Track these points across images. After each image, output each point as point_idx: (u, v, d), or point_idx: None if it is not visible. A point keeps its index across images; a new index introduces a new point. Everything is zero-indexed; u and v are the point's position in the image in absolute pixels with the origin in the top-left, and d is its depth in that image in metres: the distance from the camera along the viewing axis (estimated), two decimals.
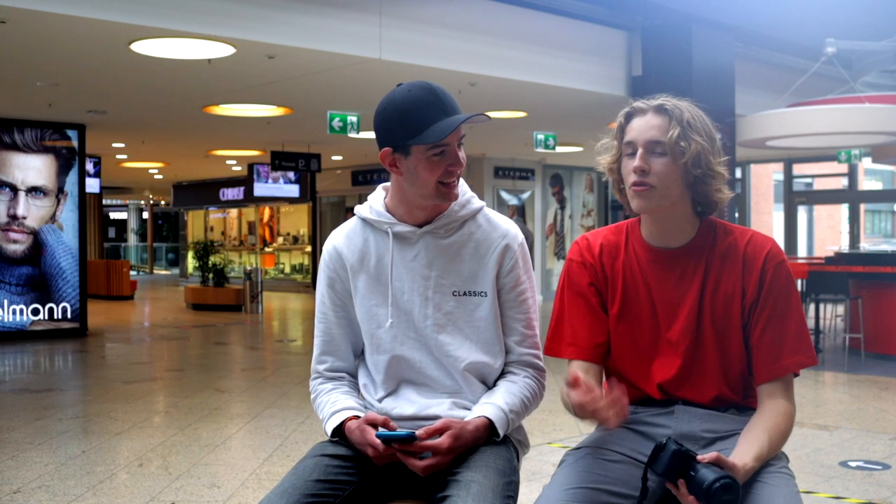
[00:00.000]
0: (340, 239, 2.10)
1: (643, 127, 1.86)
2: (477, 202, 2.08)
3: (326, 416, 2.04)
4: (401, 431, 1.84)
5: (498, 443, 1.99)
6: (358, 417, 1.97)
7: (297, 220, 21.37)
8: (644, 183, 1.85)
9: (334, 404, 2.04)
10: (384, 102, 1.93)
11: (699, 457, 1.67)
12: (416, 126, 1.88)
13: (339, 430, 2.00)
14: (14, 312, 10.83)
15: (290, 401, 6.69)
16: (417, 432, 1.84)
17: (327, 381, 2.12)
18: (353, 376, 2.16)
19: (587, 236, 2.05)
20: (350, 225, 2.12)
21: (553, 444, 5.24)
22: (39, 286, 11.05)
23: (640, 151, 1.85)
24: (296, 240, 21.30)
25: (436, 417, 1.99)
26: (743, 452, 1.77)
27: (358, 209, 2.11)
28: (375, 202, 2.08)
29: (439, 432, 1.86)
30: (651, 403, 1.96)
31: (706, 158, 1.85)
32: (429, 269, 2.02)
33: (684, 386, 1.92)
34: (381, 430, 1.88)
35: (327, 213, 20.45)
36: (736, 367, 1.92)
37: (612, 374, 2.03)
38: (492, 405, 1.98)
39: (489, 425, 1.94)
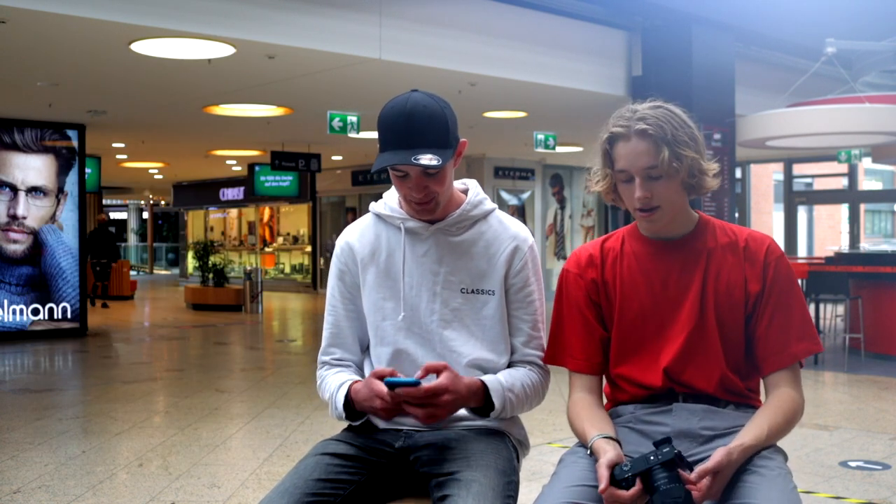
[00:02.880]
0: (354, 234, 2.14)
1: (632, 155, 1.87)
2: (489, 204, 2.11)
3: (333, 391, 2.04)
4: (404, 378, 1.84)
5: (498, 442, 2.00)
6: None
7: (297, 220, 21.37)
8: (651, 207, 1.90)
9: (339, 379, 2.06)
10: (389, 101, 1.97)
11: (692, 476, 1.70)
12: (379, 144, 1.95)
13: (350, 407, 2.00)
14: (14, 312, 10.83)
15: (290, 401, 6.69)
16: (418, 374, 1.86)
17: (332, 367, 2.13)
18: (360, 368, 2.17)
19: (586, 246, 2.09)
20: (365, 221, 2.16)
21: (553, 444, 5.24)
22: (39, 286, 11.05)
23: (637, 181, 1.88)
24: (296, 240, 21.30)
25: None
26: (741, 434, 1.82)
27: (373, 205, 2.15)
28: (390, 199, 2.11)
29: (435, 370, 1.87)
30: (653, 400, 1.97)
31: (698, 165, 1.89)
32: (438, 266, 2.05)
33: (688, 370, 1.93)
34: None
35: (327, 213, 20.44)
36: (737, 353, 1.95)
37: (615, 376, 2.04)
38: (489, 376, 2.00)
39: (482, 389, 1.94)
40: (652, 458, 1.70)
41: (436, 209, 2.00)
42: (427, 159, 1.87)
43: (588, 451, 1.87)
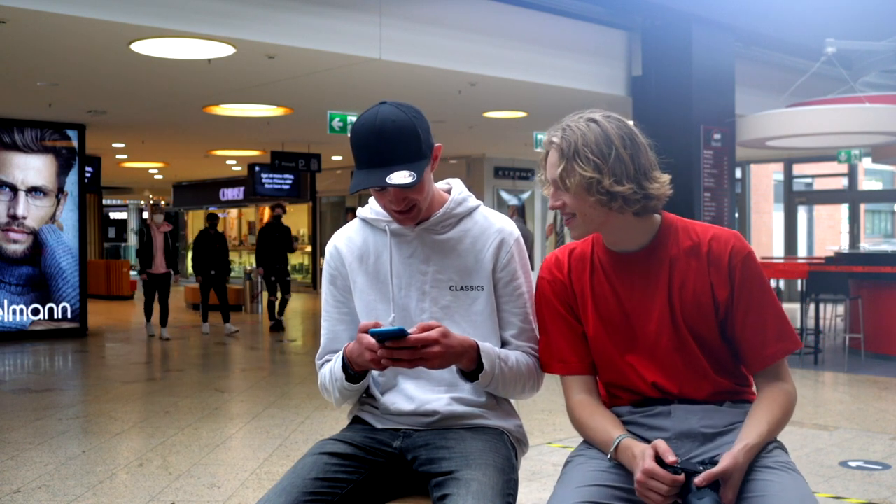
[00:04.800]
0: (342, 239, 2.15)
1: (548, 165, 1.92)
2: (473, 201, 2.12)
3: (332, 365, 2.06)
4: (392, 328, 1.82)
5: (496, 440, 2.01)
6: None
7: (297, 220, 21.36)
8: (567, 214, 1.92)
9: (336, 357, 2.07)
10: (359, 117, 1.97)
11: (696, 480, 1.72)
12: (355, 163, 1.96)
13: (349, 371, 2.00)
14: (14, 312, 10.83)
15: (290, 401, 6.69)
16: (410, 330, 1.84)
17: (330, 361, 2.13)
18: None
19: (556, 252, 2.08)
20: (352, 226, 2.17)
21: (553, 444, 5.24)
22: (39, 286, 11.05)
23: (551, 190, 1.92)
24: (296, 240, 21.29)
25: (434, 412, 2.02)
26: (744, 434, 1.82)
27: (359, 210, 2.16)
28: (376, 203, 2.12)
29: (428, 328, 1.85)
30: (649, 403, 1.96)
31: (597, 186, 1.83)
32: (426, 265, 2.06)
33: (676, 383, 1.93)
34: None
35: (327, 213, 20.44)
36: (722, 358, 1.94)
37: (605, 383, 2.04)
38: (484, 343, 1.99)
39: (475, 349, 1.94)
40: (701, 467, 1.75)
41: (417, 216, 2.02)
42: (400, 177, 1.88)
43: (613, 450, 1.85)
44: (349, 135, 1.99)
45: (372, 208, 2.13)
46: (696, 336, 1.91)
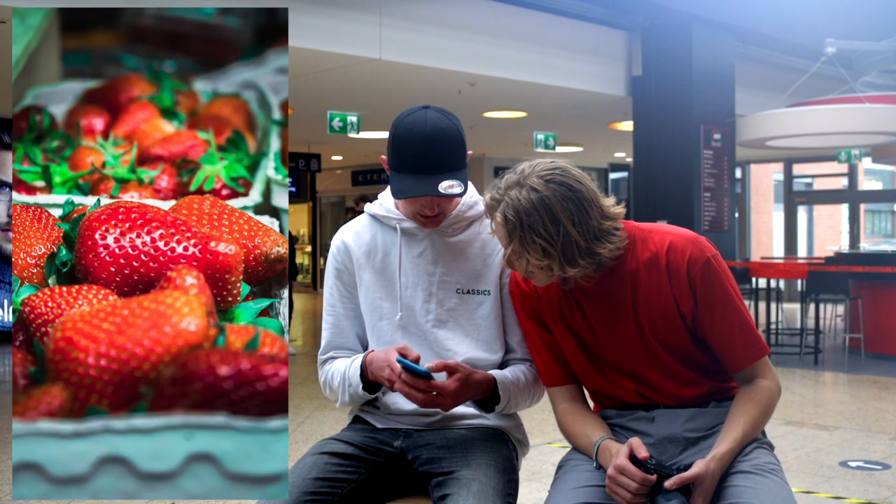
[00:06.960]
0: (349, 234, 2.13)
1: (495, 232, 1.82)
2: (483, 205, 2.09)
3: (347, 367, 2.02)
4: (419, 367, 1.80)
5: (497, 441, 2.01)
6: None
7: (297, 220, 21.37)
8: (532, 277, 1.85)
9: (349, 360, 2.04)
10: (400, 117, 1.93)
11: (666, 484, 1.70)
12: (395, 164, 1.92)
13: (366, 380, 1.97)
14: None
15: (290, 401, 6.67)
16: (429, 365, 1.82)
17: (336, 358, 2.11)
18: None
19: None
20: (360, 221, 2.15)
21: (553, 444, 5.24)
22: None
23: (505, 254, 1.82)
24: (296, 240, 21.31)
25: (435, 412, 2.01)
26: (717, 441, 1.80)
27: (368, 206, 2.14)
28: (385, 200, 2.10)
29: (449, 370, 1.84)
30: (633, 407, 1.95)
31: (547, 270, 1.76)
32: (434, 266, 2.04)
33: (658, 394, 1.91)
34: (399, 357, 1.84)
35: (327, 213, 20.45)
36: (702, 363, 1.91)
37: (590, 392, 2.03)
38: (497, 372, 1.99)
39: (493, 385, 1.94)
40: (675, 469, 1.74)
41: (441, 222, 2.01)
42: (451, 187, 1.88)
43: (594, 453, 1.84)
44: (390, 136, 1.92)
45: (382, 205, 2.10)
46: (668, 348, 1.87)
